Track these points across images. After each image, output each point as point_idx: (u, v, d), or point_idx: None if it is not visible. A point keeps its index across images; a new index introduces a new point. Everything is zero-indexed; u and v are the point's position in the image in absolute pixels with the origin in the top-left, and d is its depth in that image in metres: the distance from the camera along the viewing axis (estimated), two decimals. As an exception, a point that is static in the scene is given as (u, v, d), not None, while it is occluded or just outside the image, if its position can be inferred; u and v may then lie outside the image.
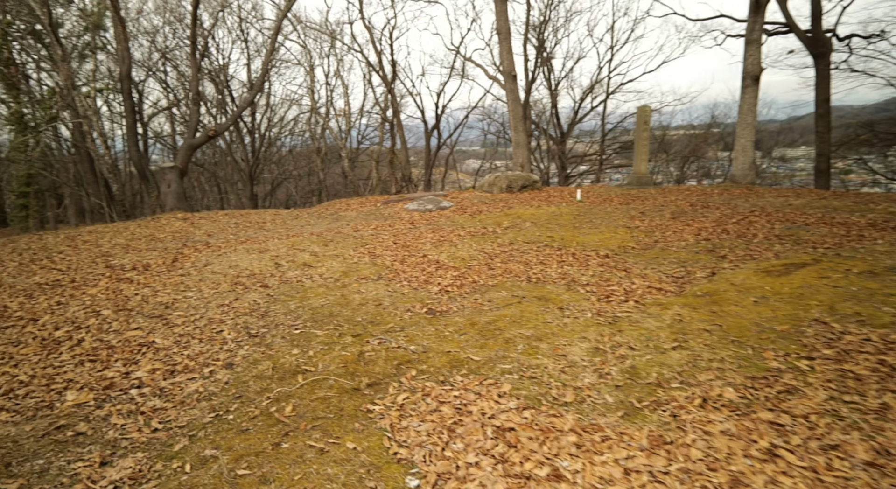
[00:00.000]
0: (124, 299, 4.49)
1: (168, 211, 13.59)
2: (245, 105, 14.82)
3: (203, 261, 5.76)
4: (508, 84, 16.23)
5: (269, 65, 14.42)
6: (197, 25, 14.00)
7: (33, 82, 20.13)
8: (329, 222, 9.40)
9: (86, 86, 15.77)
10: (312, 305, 4.13)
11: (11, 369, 3.28)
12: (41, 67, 19.70)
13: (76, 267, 6.09)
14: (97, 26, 19.71)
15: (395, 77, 18.97)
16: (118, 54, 13.08)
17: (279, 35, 14.91)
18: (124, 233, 8.91)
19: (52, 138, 18.97)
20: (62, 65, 12.59)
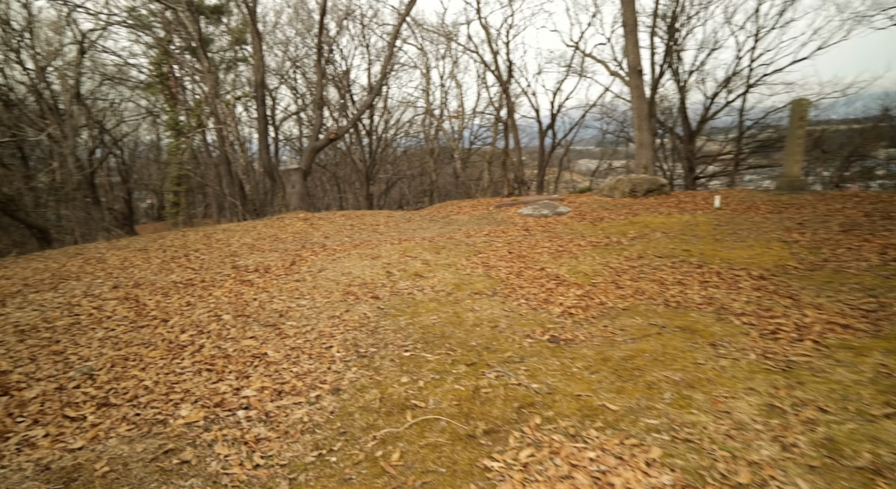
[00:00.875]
0: (243, 304, 4.56)
1: (292, 210, 14.40)
2: (363, 108, 15.29)
3: (318, 266, 5.78)
4: (633, 80, 15.07)
5: (388, 68, 14.71)
6: (323, 34, 14.68)
7: (188, 93, 22.65)
8: (441, 226, 9.23)
9: (228, 95, 17.28)
10: (423, 323, 3.85)
11: (140, 373, 3.36)
12: (194, 80, 22.08)
13: (207, 266, 6.45)
14: (239, 41, 21.63)
15: (510, 76, 18.55)
16: (255, 64, 14.11)
17: (398, 39, 15.17)
18: (252, 232, 9.45)
19: (200, 143, 21.18)
20: (208, 76, 13.85)
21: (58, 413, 2.89)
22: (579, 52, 20.49)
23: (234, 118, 15.62)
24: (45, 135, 14.91)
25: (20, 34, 19.22)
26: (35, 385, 3.24)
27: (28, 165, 20.09)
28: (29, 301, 5.18)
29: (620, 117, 25.77)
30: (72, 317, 4.61)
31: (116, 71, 23.07)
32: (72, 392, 3.13)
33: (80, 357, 3.65)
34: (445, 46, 21.26)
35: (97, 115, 23.19)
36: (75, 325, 4.37)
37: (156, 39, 17.06)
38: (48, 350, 3.78)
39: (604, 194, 11.41)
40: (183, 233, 10.67)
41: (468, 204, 12.55)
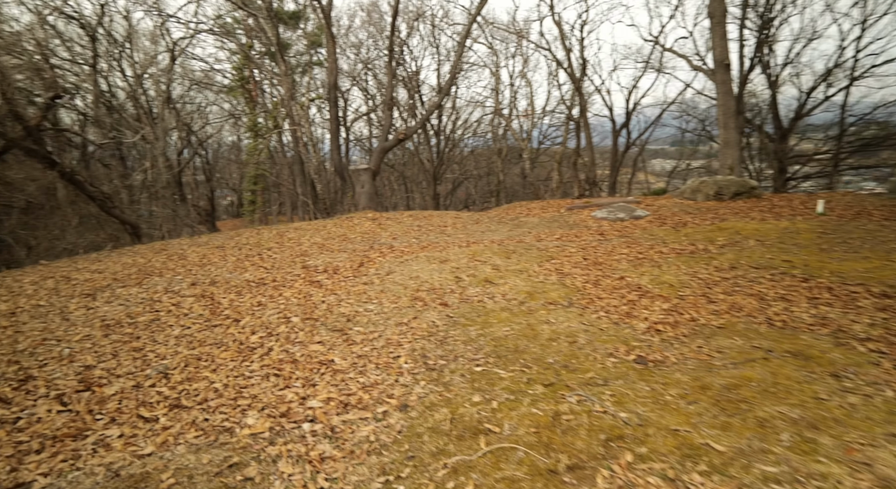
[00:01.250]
0: (312, 306, 4.52)
1: (361, 209, 14.60)
2: (432, 109, 15.26)
3: (386, 269, 5.68)
4: (719, 74, 14.08)
5: (457, 69, 14.58)
6: (394, 35, 14.78)
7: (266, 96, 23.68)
8: (510, 229, 8.94)
9: (303, 97, 17.84)
10: (495, 335, 3.61)
11: (211, 374, 3.36)
12: (272, 83, 23.04)
13: (279, 265, 6.54)
14: (314, 44, 22.33)
15: (583, 74, 17.90)
16: (328, 67, 14.43)
17: (468, 38, 15.00)
18: (322, 231, 9.60)
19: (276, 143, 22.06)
20: (285, 79, 14.31)
21: (133, 412, 2.91)
22: (658, 47, 19.45)
23: (308, 120, 16.07)
24: (138, 136, 16.04)
25: (121, 45, 20.82)
26: (115, 381, 3.32)
27: (125, 165, 21.81)
28: (116, 295, 5.44)
29: (701, 115, 24.29)
30: (152, 313, 4.76)
31: (203, 76, 24.52)
32: (147, 391, 3.17)
33: (157, 355, 3.72)
34: (516, 45, 20.87)
35: (185, 117, 24.77)
36: (155, 322, 4.50)
37: (238, 45, 17.90)
38: (129, 346, 3.89)
39: (685, 197, 10.66)
40: (258, 230, 11.03)
41: (538, 205, 12.17)
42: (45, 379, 3.34)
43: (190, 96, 25.92)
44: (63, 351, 3.82)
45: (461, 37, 14.70)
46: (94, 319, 4.61)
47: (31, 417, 2.88)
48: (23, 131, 10.57)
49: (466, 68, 27.25)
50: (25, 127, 10.31)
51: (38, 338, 4.12)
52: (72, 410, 2.97)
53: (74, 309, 4.99)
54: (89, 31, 18.13)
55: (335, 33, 14.39)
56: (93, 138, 16.55)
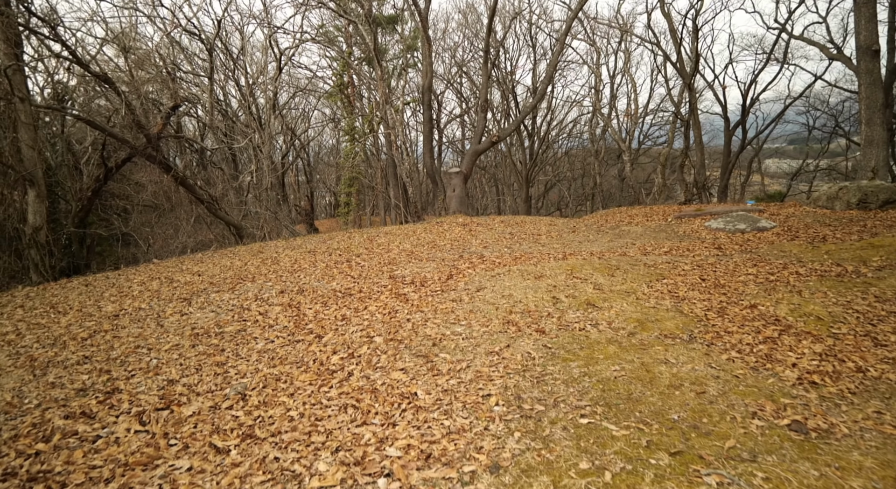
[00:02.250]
0: (396, 325, 4.21)
1: (451, 213, 14.37)
2: (527, 111, 14.69)
3: (476, 284, 5.27)
4: (864, 62, 12.23)
5: (555, 67, 13.87)
6: (490, 37, 14.39)
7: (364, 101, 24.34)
8: (610, 239, 8.19)
9: (398, 101, 18.01)
10: (602, 375, 3.06)
11: (288, 399, 3.14)
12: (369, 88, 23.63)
13: (366, 275, 6.37)
14: (410, 48, 22.55)
15: (695, 69, 16.38)
16: (423, 69, 14.36)
17: (567, 36, 14.24)
18: (411, 237, 9.41)
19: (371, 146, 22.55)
20: (381, 84, 14.45)
21: (206, 440, 2.73)
22: (785, 35, 17.37)
23: (402, 123, 16.15)
24: (247, 141, 17.05)
25: (236, 57, 22.34)
26: (194, 400, 3.19)
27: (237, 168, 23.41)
28: (210, 301, 5.52)
29: (831, 110, 21.51)
30: (240, 322, 4.71)
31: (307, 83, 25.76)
32: (223, 414, 3.00)
33: (238, 372, 3.58)
34: (619, 40, 19.65)
35: (290, 122, 26.18)
36: (241, 333, 4.43)
37: (339, 52, 18.45)
38: (213, 360, 3.80)
39: (819, 205, 9.23)
40: (349, 234, 11.13)
41: (640, 212, 11.18)
42: (129, 392, 3.30)
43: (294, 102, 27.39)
44: (151, 361, 3.82)
45: (561, 34, 13.99)
46: (186, 327, 4.64)
47: (110, 437, 2.79)
48: (144, 139, 11.49)
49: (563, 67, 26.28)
50: (146, 135, 11.18)
51: (132, 345, 4.18)
52: (149, 431, 2.86)
53: (170, 314, 5.09)
54: (207, 45, 19.61)
55: (431, 36, 14.28)
56: (208, 144, 17.82)
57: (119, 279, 7.37)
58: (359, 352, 3.74)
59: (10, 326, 4.92)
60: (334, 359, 3.68)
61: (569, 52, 24.33)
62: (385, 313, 4.61)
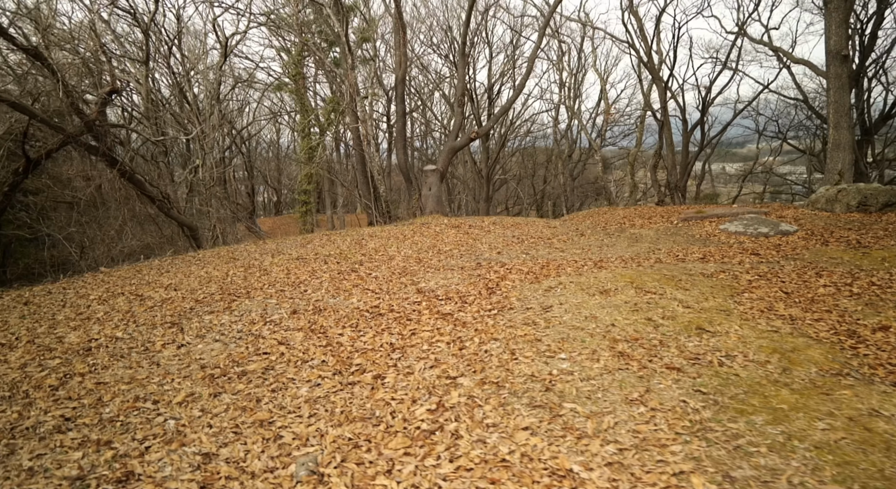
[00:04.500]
0: (475, 360, 3.40)
1: (428, 213, 13.55)
2: (508, 105, 14.10)
3: (536, 301, 4.53)
4: (834, 67, 12.53)
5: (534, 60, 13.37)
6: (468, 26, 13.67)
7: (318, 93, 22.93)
8: (629, 243, 7.70)
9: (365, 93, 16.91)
10: (813, 437, 2.40)
11: (388, 481, 2.28)
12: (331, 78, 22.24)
13: (385, 287, 5.48)
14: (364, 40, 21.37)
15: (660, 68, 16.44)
16: (397, 60, 13.42)
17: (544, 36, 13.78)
18: (406, 241, 8.54)
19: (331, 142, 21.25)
20: (350, 73, 13.37)
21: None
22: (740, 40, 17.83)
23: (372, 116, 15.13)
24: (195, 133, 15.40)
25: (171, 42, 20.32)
26: (250, 488, 2.26)
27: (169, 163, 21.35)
28: (206, 326, 4.45)
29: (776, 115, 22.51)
30: (260, 356, 3.73)
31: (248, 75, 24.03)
32: (306, 512, 2.10)
33: (295, 436, 2.66)
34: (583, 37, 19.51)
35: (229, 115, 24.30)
36: (270, 372, 3.46)
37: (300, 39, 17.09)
38: (252, 418, 2.84)
39: (818, 207, 9.23)
40: (328, 237, 10.08)
41: (634, 213, 10.85)
42: (152, 479, 2.31)
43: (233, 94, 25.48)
44: (167, 423, 2.80)
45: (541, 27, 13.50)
46: (191, 366, 3.61)
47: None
48: (82, 126, 9.87)
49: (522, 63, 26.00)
50: (86, 122, 9.58)
51: (128, 396, 3.12)
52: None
53: (161, 346, 4.01)
54: (143, 26, 17.61)
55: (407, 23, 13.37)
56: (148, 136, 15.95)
57: (68, 294, 6.04)
58: (450, 401, 2.91)
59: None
60: (420, 411, 2.83)
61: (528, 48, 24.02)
62: (446, 340, 3.79)
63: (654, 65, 15.49)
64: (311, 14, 20.26)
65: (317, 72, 21.04)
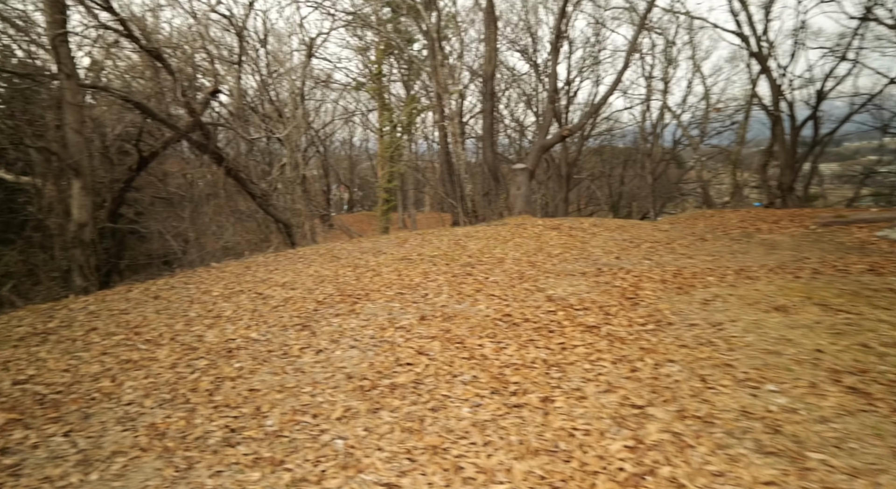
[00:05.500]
0: (661, 386, 2.96)
1: (516, 213, 13.12)
2: (601, 103, 13.40)
3: (698, 316, 4.02)
4: None
5: (629, 60, 12.60)
6: (563, 19, 13.11)
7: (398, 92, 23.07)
8: (765, 250, 6.93)
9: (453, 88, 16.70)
10: None
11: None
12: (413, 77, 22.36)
13: (509, 293, 5.13)
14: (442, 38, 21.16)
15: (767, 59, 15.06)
16: (486, 56, 13.08)
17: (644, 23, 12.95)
18: (508, 242, 8.17)
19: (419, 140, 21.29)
20: (439, 70, 13.17)
21: None
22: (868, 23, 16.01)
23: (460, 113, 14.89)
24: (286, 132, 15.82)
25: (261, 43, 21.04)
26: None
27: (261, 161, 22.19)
28: (337, 329, 4.28)
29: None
30: (404, 368, 3.48)
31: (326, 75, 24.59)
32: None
33: (478, 469, 2.36)
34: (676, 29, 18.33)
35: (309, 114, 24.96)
36: (420, 385, 3.20)
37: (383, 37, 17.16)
38: (422, 441, 2.57)
39: None
40: (422, 236, 9.90)
41: (755, 217, 9.90)
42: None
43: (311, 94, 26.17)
44: (335, 443, 2.58)
45: (641, 16, 12.69)
46: (336, 374, 3.42)
47: None
48: (192, 124, 10.26)
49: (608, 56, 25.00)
50: (196, 120, 9.94)
51: (286, 407, 2.94)
52: None
53: (299, 350, 3.87)
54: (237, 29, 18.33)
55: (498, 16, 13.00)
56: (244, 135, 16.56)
57: (190, 290, 6.15)
58: (646, 435, 2.50)
59: (95, 363, 3.69)
60: (615, 448, 2.44)
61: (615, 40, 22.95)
62: (612, 361, 3.37)
63: (763, 55, 14.22)
64: (388, 13, 20.38)
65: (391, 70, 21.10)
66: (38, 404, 3.00)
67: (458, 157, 13.99)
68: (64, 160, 7.59)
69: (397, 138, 19.18)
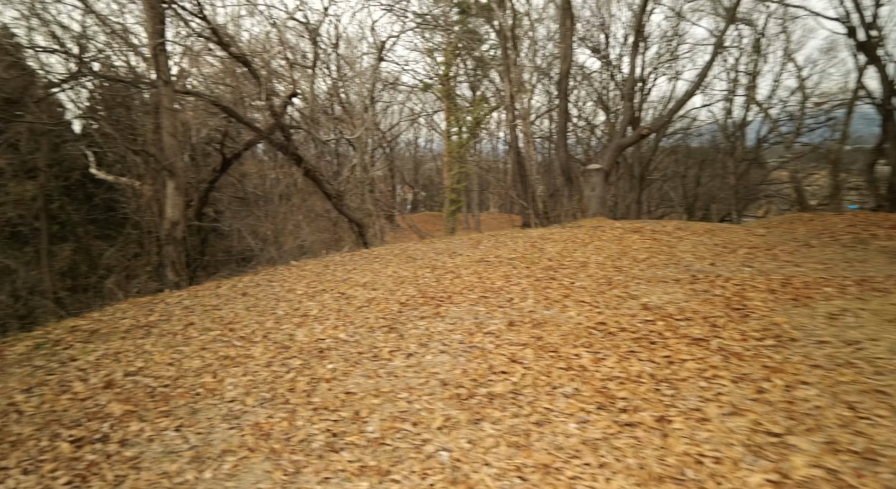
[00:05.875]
0: (798, 412, 2.62)
1: (590, 215, 12.66)
2: (687, 97, 12.66)
3: (827, 332, 3.61)
4: None
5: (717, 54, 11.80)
6: (643, 16, 12.52)
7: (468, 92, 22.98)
8: (888, 259, 6.23)
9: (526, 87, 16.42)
10: None
11: None
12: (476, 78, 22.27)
13: (602, 301, 4.85)
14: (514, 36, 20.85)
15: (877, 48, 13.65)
16: (562, 53, 12.70)
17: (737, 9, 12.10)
18: (588, 245, 7.83)
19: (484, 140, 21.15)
20: (514, 69, 12.95)
21: None
22: None
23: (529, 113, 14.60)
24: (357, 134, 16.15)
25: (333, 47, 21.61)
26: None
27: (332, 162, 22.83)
28: (424, 332, 4.19)
29: None
30: (499, 376, 3.32)
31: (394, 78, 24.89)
32: None
33: (600, 493, 2.15)
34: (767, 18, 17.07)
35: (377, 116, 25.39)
36: (519, 396, 3.03)
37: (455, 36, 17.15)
38: (531, 458, 2.42)
39: None
40: (494, 237, 9.74)
41: (865, 221, 8.97)
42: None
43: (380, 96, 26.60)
44: (440, 455, 2.46)
45: (729, 11, 11.88)
46: (430, 379, 3.32)
47: None
48: (273, 126, 10.63)
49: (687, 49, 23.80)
50: (278, 123, 10.29)
51: (384, 413, 2.86)
52: None
53: (388, 353, 3.81)
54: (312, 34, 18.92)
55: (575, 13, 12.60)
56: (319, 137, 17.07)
57: (275, 288, 6.30)
58: (789, 469, 2.21)
59: (196, 358, 3.80)
60: (755, 481, 2.17)
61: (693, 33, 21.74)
62: (732, 379, 3.06)
63: (872, 44, 12.92)
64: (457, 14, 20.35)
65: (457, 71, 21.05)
66: (149, 397, 3.10)
67: (530, 157, 13.70)
68: (160, 162, 8.03)
69: (466, 139, 19.11)
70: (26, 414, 2.90)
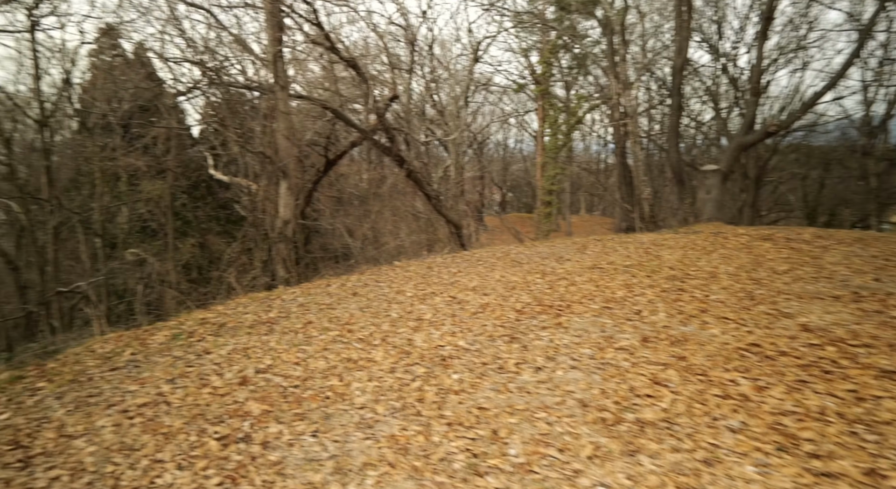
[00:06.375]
0: None
1: (705, 220, 11.67)
2: (823, 92, 11.28)
3: None
4: None
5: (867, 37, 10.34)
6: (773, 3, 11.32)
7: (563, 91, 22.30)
8: None
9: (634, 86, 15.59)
10: None
11: None
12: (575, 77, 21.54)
13: (749, 318, 4.29)
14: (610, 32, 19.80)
15: None
16: (677, 45, 11.82)
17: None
18: (712, 254, 7.12)
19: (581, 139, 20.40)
20: (621, 64, 12.26)
21: None
22: None
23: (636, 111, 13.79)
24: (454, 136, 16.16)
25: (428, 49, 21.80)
26: None
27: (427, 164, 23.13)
28: (549, 344, 3.90)
29: None
30: (644, 400, 2.96)
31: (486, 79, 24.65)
32: None
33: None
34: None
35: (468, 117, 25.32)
36: (674, 426, 2.66)
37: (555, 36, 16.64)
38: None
39: None
40: (601, 242, 9.24)
41: None
42: None
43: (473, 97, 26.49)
44: (600, 492, 2.18)
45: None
46: (566, 398, 3.03)
47: None
48: (376, 127, 10.82)
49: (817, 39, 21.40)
50: (384, 126, 10.45)
51: (525, 435, 2.62)
52: None
53: (514, 366, 3.57)
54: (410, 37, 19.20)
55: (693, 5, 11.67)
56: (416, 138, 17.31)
57: (383, 288, 6.31)
58: None
59: (321, 358, 3.80)
60: None
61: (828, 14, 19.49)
62: None
63: None
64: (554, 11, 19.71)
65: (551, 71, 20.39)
66: (282, 397, 3.10)
67: (636, 157, 12.92)
68: (275, 163, 8.39)
69: (563, 139, 18.49)
70: (174, 405, 3.00)
